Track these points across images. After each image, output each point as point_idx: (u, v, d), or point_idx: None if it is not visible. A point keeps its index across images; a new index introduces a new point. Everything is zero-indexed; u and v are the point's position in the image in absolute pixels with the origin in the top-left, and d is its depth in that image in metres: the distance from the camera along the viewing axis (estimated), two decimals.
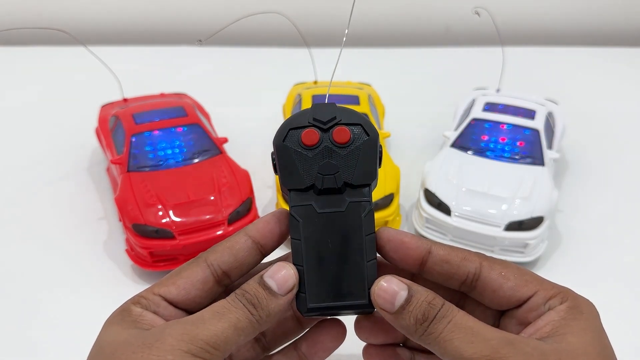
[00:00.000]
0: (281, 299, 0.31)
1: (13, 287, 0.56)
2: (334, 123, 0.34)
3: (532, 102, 0.68)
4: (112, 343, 0.29)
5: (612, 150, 0.77)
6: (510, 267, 0.32)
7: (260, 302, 0.30)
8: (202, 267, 0.32)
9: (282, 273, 0.31)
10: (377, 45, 1.04)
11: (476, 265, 0.32)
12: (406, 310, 0.30)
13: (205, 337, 0.28)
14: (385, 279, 0.31)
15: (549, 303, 0.31)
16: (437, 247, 0.33)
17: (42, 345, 0.51)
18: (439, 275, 0.33)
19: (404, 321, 0.30)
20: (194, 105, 0.71)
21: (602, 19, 1.09)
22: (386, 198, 0.59)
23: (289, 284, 0.31)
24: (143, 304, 0.32)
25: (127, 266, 0.58)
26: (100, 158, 0.72)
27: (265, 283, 0.31)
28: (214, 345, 0.28)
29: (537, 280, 0.32)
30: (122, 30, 1.08)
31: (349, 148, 0.33)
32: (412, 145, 0.76)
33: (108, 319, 0.32)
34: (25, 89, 0.92)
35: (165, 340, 0.28)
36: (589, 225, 0.64)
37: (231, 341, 0.29)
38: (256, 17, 0.56)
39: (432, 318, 0.29)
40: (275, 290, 0.31)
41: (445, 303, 0.30)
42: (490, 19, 0.64)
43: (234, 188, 0.58)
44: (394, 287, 0.31)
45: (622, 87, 0.93)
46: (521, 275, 0.32)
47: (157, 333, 0.29)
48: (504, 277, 0.32)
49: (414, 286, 0.31)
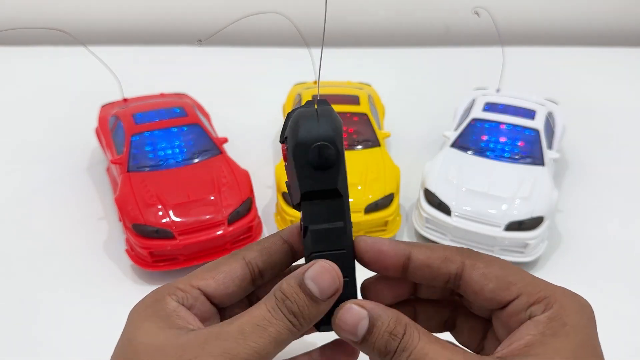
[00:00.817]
0: (322, 304, 0.29)
1: (13, 287, 0.56)
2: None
3: (532, 102, 0.68)
4: (148, 348, 0.28)
5: (612, 150, 0.77)
6: (493, 266, 0.30)
7: (302, 311, 0.29)
8: (240, 264, 0.32)
9: (326, 276, 0.29)
10: (377, 45, 1.04)
11: (457, 266, 0.31)
12: (369, 341, 0.29)
13: (246, 356, 0.27)
14: (345, 308, 0.29)
15: (531, 310, 0.29)
16: (416, 252, 0.31)
17: (42, 345, 0.51)
18: (422, 279, 0.32)
19: (367, 350, 0.29)
20: (194, 105, 0.71)
21: (602, 19, 1.09)
22: (386, 198, 0.59)
23: (332, 288, 0.29)
24: (179, 296, 0.31)
25: (127, 266, 0.58)
26: (100, 158, 0.72)
27: (306, 286, 0.29)
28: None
29: (522, 282, 0.30)
30: (122, 30, 1.08)
31: None
32: (412, 145, 0.76)
33: (138, 308, 0.30)
34: (25, 89, 0.92)
35: (202, 355, 0.27)
36: (589, 225, 0.64)
37: (270, 356, 0.28)
38: (256, 17, 0.56)
39: (393, 352, 0.28)
40: (317, 295, 0.29)
41: (406, 331, 0.28)
42: (490, 19, 0.64)
43: (234, 188, 0.58)
44: (353, 318, 0.29)
45: (622, 87, 0.93)
46: (505, 276, 0.30)
47: (195, 347, 0.27)
48: (486, 278, 0.30)
49: (376, 310, 0.29)
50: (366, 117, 0.67)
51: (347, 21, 1.08)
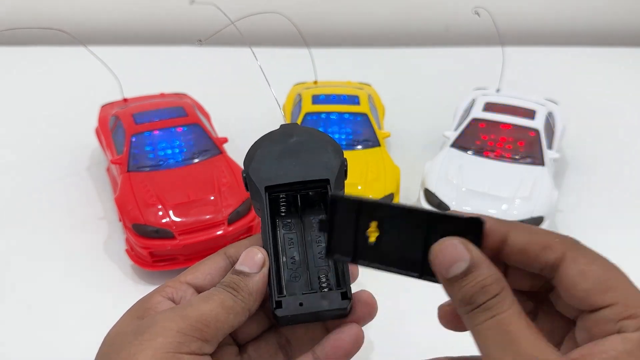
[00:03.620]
0: (255, 276, 0.33)
1: (13, 287, 0.56)
2: None
3: (532, 102, 0.68)
4: (112, 335, 0.31)
5: (612, 150, 0.77)
6: (595, 264, 0.28)
7: (238, 284, 0.32)
8: (222, 257, 0.35)
9: (249, 255, 0.34)
10: (377, 45, 1.04)
11: (557, 256, 0.28)
12: (457, 283, 0.27)
13: (196, 316, 0.30)
14: (449, 243, 0.27)
15: (623, 323, 0.26)
16: (515, 233, 0.29)
17: (42, 345, 0.51)
18: (516, 262, 0.29)
19: (451, 292, 0.28)
20: (194, 105, 0.71)
21: (602, 19, 1.09)
22: (386, 198, 0.59)
23: (257, 261, 0.33)
24: (168, 292, 0.33)
25: (127, 266, 0.58)
26: (100, 158, 0.72)
27: (236, 270, 0.33)
28: (204, 322, 0.30)
29: (621, 290, 0.27)
30: (122, 30, 1.08)
31: None
32: (412, 145, 0.76)
33: (131, 306, 0.33)
34: (25, 89, 0.92)
35: (157, 323, 0.29)
36: (589, 225, 0.64)
37: (221, 319, 0.31)
38: (256, 17, 0.56)
39: (477, 305, 0.26)
40: (247, 271, 0.33)
41: (500, 293, 0.26)
42: (490, 19, 0.64)
43: (234, 188, 0.58)
44: (453, 255, 0.27)
45: (622, 87, 0.93)
46: (605, 279, 0.27)
47: (150, 320, 0.30)
48: (584, 276, 0.27)
49: (479, 259, 0.27)
50: (366, 117, 0.67)
51: (347, 21, 1.08)
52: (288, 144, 0.36)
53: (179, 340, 0.29)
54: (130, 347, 0.29)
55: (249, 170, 0.35)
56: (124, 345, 0.29)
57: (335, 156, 0.35)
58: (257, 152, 0.35)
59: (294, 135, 0.36)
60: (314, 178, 0.34)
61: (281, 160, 0.35)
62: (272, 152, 0.35)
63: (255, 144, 0.36)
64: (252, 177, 0.35)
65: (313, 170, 0.35)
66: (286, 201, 0.36)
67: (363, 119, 0.67)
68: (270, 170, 0.35)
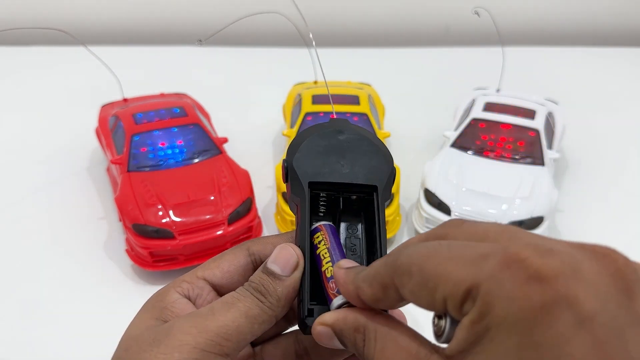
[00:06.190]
0: (287, 280, 0.30)
1: (13, 287, 0.56)
2: None
3: (532, 102, 0.68)
4: (128, 338, 0.29)
5: (612, 150, 0.77)
6: None
7: (267, 289, 0.29)
8: (244, 254, 0.32)
9: (284, 254, 0.30)
10: (377, 45, 1.04)
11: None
12: None
13: (216, 328, 0.27)
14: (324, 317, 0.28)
15: (465, 307, 0.21)
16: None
17: (43, 345, 0.51)
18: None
19: None
20: (194, 105, 0.71)
21: (602, 19, 1.09)
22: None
23: (291, 263, 0.30)
24: (184, 288, 0.31)
25: (127, 266, 0.58)
26: (100, 158, 0.72)
27: (268, 269, 0.30)
28: (225, 336, 0.27)
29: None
30: (122, 30, 1.08)
31: None
32: (412, 145, 0.76)
33: (147, 301, 0.31)
34: (25, 89, 0.92)
35: (174, 335, 0.27)
36: (589, 225, 0.64)
37: (244, 330, 0.28)
38: (256, 17, 0.56)
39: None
40: (279, 272, 0.30)
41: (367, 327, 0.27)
42: (490, 19, 0.64)
43: (234, 188, 0.58)
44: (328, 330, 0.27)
45: (622, 87, 0.93)
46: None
47: (167, 328, 0.28)
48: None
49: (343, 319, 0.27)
50: (366, 117, 0.67)
51: (347, 21, 1.08)
52: (337, 140, 0.33)
53: (195, 357, 0.27)
54: (146, 359, 0.27)
55: (293, 161, 0.32)
56: (140, 355, 0.27)
57: (386, 163, 0.33)
58: (304, 143, 0.33)
59: (345, 133, 0.33)
60: (361, 182, 0.32)
61: (328, 156, 0.32)
62: (319, 146, 0.33)
63: (302, 133, 0.33)
64: (296, 169, 0.32)
65: (361, 174, 0.32)
66: (326, 200, 0.33)
67: (363, 119, 0.67)
68: (315, 165, 0.32)
